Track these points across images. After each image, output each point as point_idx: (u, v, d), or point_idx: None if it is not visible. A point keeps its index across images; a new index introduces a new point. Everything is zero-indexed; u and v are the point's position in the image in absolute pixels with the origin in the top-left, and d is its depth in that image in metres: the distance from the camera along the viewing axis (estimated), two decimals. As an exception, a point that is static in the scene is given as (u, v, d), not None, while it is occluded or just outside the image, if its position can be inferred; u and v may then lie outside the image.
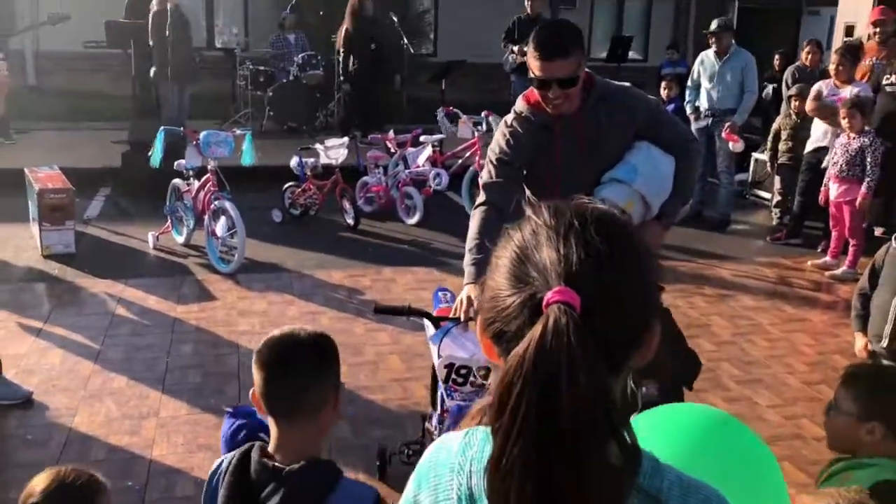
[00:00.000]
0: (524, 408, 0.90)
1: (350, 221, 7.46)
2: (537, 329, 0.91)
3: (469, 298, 2.73)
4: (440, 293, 3.24)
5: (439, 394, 2.98)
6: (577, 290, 0.93)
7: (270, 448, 1.76)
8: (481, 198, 2.99)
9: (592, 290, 0.93)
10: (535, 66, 2.79)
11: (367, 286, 6.02)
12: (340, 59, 10.63)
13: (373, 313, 2.86)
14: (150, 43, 8.86)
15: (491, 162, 3.02)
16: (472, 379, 2.78)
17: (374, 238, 7.31)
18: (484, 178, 3.06)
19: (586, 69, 2.87)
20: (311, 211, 7.64)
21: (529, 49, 2.81)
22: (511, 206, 3.02)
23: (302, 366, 1.74)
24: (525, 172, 3.06)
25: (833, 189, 6.59)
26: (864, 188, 6.33)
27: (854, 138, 6.42)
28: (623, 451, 0.94)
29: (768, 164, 8.27)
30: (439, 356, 2.77)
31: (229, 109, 11.55)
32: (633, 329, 0.99)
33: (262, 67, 11.48)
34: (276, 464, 1.71)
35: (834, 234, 6.77)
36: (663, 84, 8.84)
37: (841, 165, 6.47)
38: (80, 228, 6.93)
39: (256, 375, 1.76)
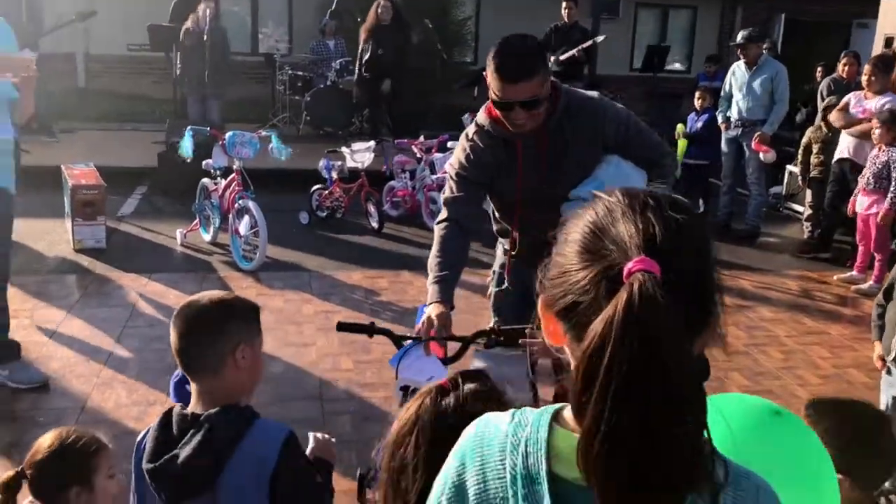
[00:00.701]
0: (616, 376, 0.88)
1: (374, 225, 7.55)
2: (622, 296, 0.90)
3: (430, 319, 2.55)
4: (424, 309, 3.00)
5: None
6: (657, 262, 0.92)
7: (191, 404, 1.93)
8: (442, 214, 2.89)
9: (672, 262, 0.93)
10: (495, 87, 2.59)
11: (384, 287, 6.10)
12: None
13: (337, 329, 2.68)
14: (178, 58, 9.14)
15: (451, 177, 2.90)
16: None
17: (396, 242, 7.39)
18: (445, 193, 2.94)
19: (552, 78, 2.71)
20: (337, 214, 7.75)
21: (490, 68, 2.59)
22: (473, 220, 2.90)
23: (199, 329, 1.91)
24: (489, 186, 2.93)
25: (861, 202, 6.49)
26: (886, 203, 6.22)
27: (882, 151, 6.32)
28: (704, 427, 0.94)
29: (799, 177, 8.17)
30: (396, 378, 2.55)
31: (267, 114, 11.78)
32: (704, 308, 0.98)
33: (300, 72, 11.66)
34: (195, 412, 1.88)
35: (861, 248, 6.66)
36: (696, 94, 8.79)
37: (868, 178, 6.37)
38: (114, 225, 7.15)
39: (171, 336, 1.94)
